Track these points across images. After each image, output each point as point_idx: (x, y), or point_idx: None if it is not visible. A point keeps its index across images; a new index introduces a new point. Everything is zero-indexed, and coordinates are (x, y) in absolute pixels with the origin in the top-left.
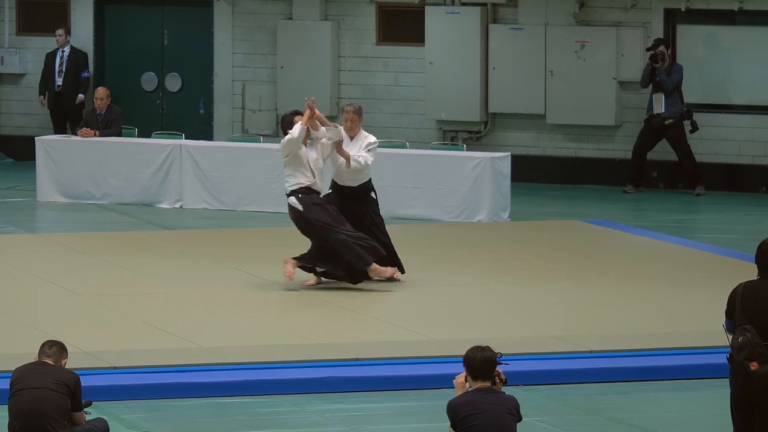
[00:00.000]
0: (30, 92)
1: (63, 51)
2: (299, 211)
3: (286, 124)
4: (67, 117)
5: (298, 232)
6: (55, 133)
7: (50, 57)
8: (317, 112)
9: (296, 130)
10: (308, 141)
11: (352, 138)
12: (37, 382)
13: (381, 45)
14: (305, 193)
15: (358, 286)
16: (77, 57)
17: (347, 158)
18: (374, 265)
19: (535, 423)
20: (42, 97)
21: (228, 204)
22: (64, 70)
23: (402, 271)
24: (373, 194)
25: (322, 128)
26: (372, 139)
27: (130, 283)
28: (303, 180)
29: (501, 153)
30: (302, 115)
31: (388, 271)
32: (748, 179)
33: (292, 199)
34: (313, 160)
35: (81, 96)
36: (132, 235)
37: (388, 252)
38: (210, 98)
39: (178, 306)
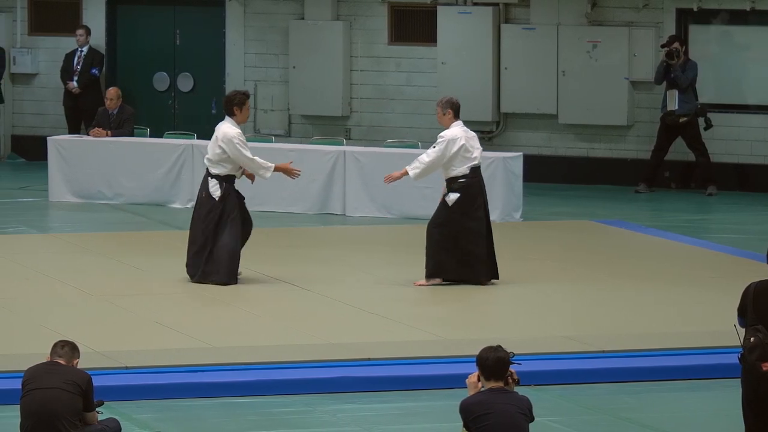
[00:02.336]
0: (42, 92)
1: (81, 51)
2: None
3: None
4: (82, 117)
5: (309, 232)
6: (70, 132)
7: (69, 56)
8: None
9: None
10: None
11: None
12: (48, 382)
13: (393, 45)
14: None
15: (370, 286)
16: (94, 57)
17: (404, 173)
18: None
19: (547, 423)
20: (72, 83)
21: None
22: (80, 69)
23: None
24: (451, 196)
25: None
26: (450, 132)
27: (142, 283)
28: None
29: (513, 153)
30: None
31: None
32: (760, 179)
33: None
34: None
35: (73, 84)
36: (144, 235)
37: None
38: (222, 98)
39: (189, 306)
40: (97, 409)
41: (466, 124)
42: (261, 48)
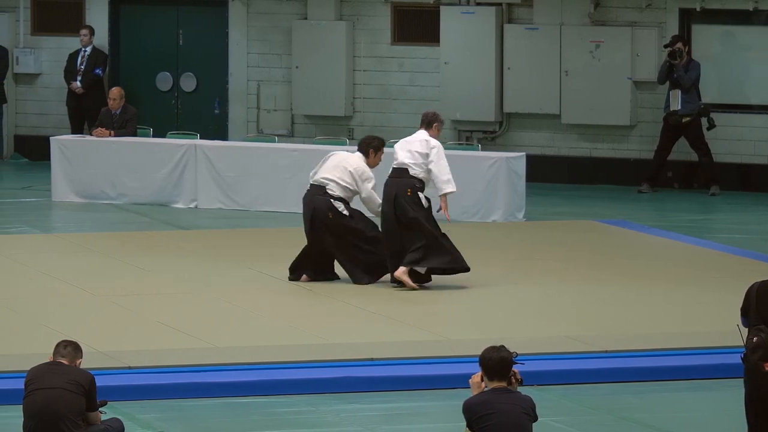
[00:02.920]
0: (45, 92)
1: (85, 51)
2: None
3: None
4: (85, 117)
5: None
6: (73, 132)
7: (72, 56)
8: None
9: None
10: None
11: None
12: (51, 382)
13: (396, 45)
14: None
15: (371, 286)
16: (97, 57)
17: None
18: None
19: (550, 423)
20: (75, 83)
21: (243, 204)
22: (83, 69)
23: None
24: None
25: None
26: (430, 144)
27: (145, 283)
28: None
29: (516, 153)
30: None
31: None
32: (763, 179)
33: None
34: None
35: (76, 84)
36: (147, 235)
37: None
38: (225, 98)
39: (192, 306)
40: (100, 409)
41: (469, 123)
42: (264, 48)
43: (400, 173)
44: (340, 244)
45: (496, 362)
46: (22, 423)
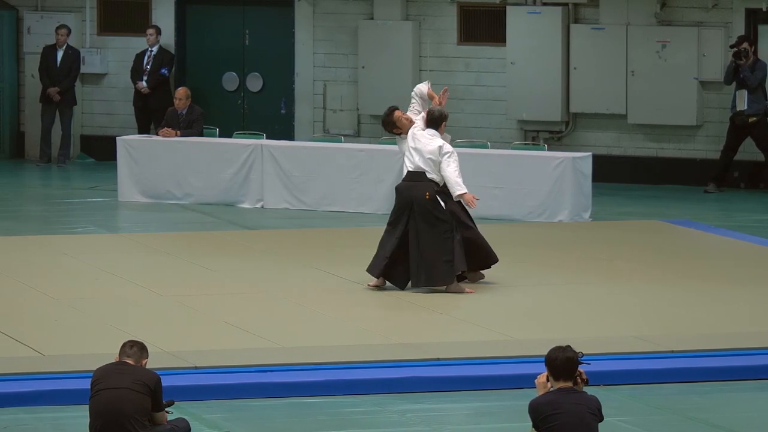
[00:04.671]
0: (111, 92)
1: (151, 50)
2: None
3: (388, 124)
4: (151, 117)
5: (378, 232)
6: (139, 132)
7: (139, 56)
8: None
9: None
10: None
11: None
12: (117, 382)
13: (462, 45)
14: None
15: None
16: (164, 57)
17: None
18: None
19: (616, 423)
20: (141, 82)
21: (309, 204)
22: (149, 69)
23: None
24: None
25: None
26: (443, 148)
27: (212, 283)
28: None
29: (582, 153)
30: (398, 110)
31: None
32: None
33: None
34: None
35: (142, 84)
36: (213, 235)
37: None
38: (291, 98)
39: (259, 306)
40: (166, 409)
41: (536, 123)
42: (330, 48)
43: (419, 177)
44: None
45: (562, 362)
46: (88, 423)
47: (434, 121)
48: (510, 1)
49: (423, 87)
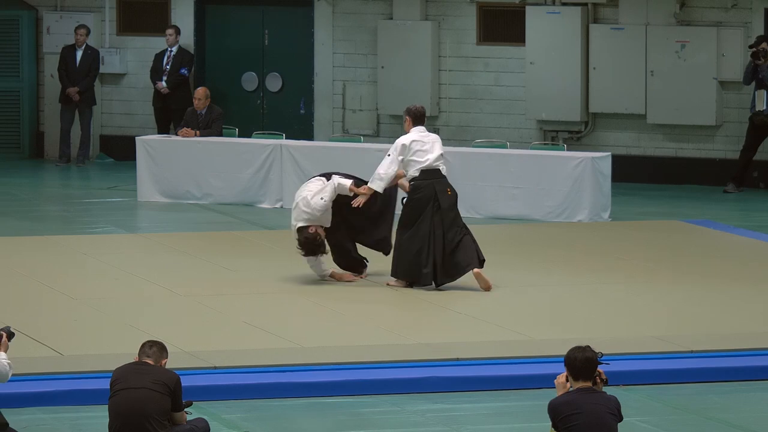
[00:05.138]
0: (130, 92)
1: (170, 50)
2: None
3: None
4: (170, 117)
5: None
6: (159, 132)
7: (158, 56)
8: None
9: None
10: None
11: None
12: (137, 382)
13: (481, 45)
14: None
15: (457, 284)
16: (183, 57)
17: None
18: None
19: (635, 423)
20: (161, 83)
21: None
22: (169, 69)
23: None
24: (404, 197)
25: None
26: (400, 139)
27: (231, 283)
28: None
29: (601, 153)
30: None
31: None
32: None
33: None
34: None
35: (162, 84)
36: (232, 235)
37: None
38: (310, 98)
39: (278, 306)
40: (185, 409)
41: (555, 123)
42: (349, 48)
43: (435, 174)
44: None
45: (582, 362)
46: (107, 423)
47: (419, 118)
48: (529, 1)
49: (345, 183)
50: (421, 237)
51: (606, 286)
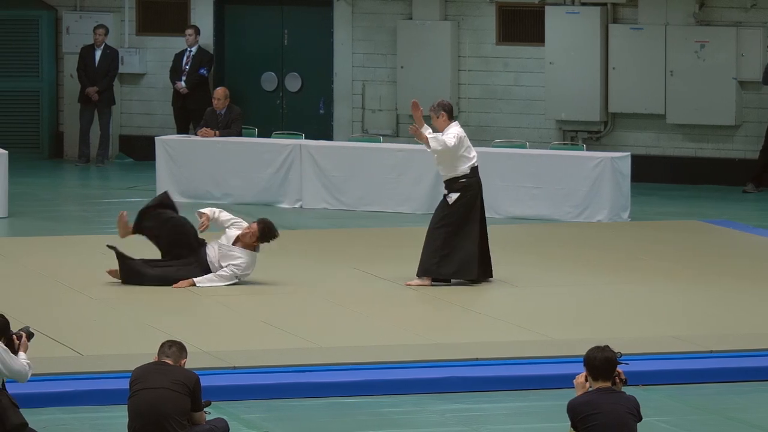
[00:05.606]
0: (150, 92)
1: (190, 50)
2: None
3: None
4: (190, 117)
5: (417, 232)
6: (178, 132)
7: (178, 56)
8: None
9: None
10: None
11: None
12: (156, 382)
13: (501, 45)
14: None
15: (479, 286)
16: (203, 57)
17: (425, 140)
18: None
19: (655, 423)
20: (180, 83)
21: (348, 204)
22: (188, 69)
23: (490, 275)
24: (452, 196)
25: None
26: (453, 131)
27: (250, 283)
28: None
29: (621, 153)
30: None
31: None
32: None
33: None
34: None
35: (181, 84)
36: None
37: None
38: (330, 98)
39: (297, 306)
40: (204, 409)
41: (574, 123)
42: (369, 48)
43: (477, 171)
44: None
45: (601, 362)
46: (127, 423)
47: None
48: (549, 1)
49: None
50: (475, 236)
51: (625, 286)
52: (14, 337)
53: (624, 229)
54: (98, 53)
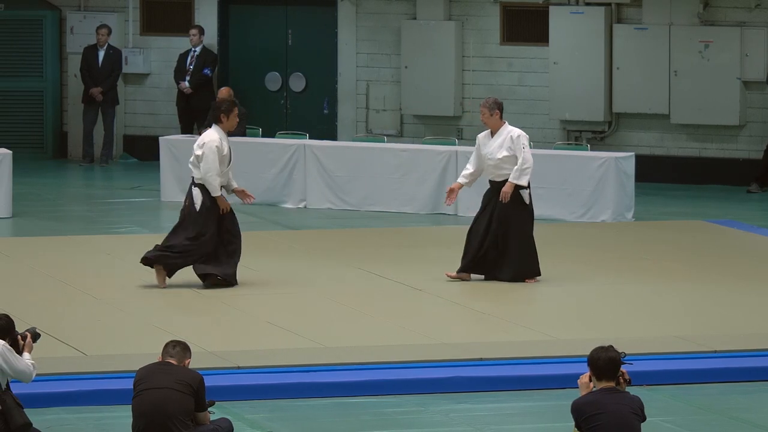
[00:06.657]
0: (154, 92)
1: (194, 51)
2: None
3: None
4: (194, 117)
5: (421, 232)
6: (182, 132)
7: (182, 56)
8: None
9: None
10: None
11: (492, 134)
12: (160, 382)
13: (505, 45)
14: None
15: (481, 283)
16: (207, 57)
17: (514, 186)
18: None
19: (659, 423)
20: (184, 83)
21: (352, 204)
22: (192, 69)
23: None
24: (524, 193)
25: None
26: (521, 141)
27: (254, 283)
28: None
29: (625, 153)
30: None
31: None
32: None
33: None
34: None
35: (185, 84)
36: (256, 235)
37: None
38: (334, 98)
39: (302, 306)
40: (208, 409)
41: (578, 123)
42: (373, 48)
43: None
44: None
45: (605, 362)
46: (131, 423)
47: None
48: (553, 1)
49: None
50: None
51: (629, 286)
52: (19, 337)
53: (628, 229)
54: (101, 53)
